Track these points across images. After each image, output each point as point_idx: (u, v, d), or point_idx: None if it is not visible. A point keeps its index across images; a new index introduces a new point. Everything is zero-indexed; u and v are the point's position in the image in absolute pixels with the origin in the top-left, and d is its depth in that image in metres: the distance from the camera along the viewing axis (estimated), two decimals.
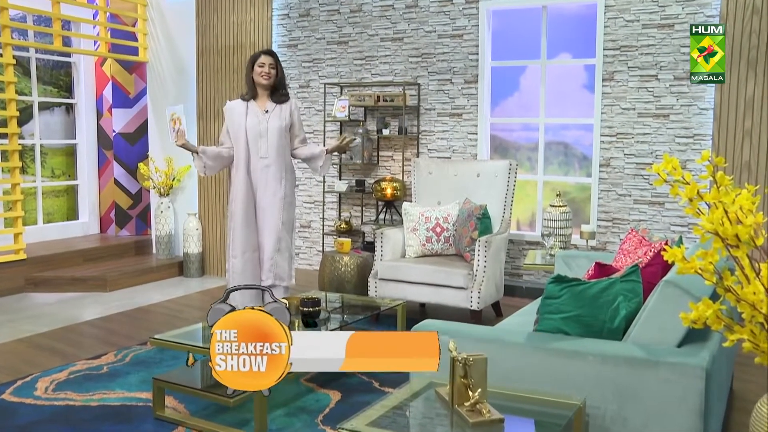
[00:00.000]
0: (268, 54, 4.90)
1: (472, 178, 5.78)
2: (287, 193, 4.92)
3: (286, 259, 4.95)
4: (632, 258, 3.50)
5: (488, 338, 2.89)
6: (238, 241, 4.85)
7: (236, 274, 4.86)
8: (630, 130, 5.88)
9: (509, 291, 6.13)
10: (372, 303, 4.81)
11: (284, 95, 4.94)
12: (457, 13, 6.50)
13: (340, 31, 7.08)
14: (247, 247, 4.87)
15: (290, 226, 4.99)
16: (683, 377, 2.51)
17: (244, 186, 4.84)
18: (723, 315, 2.35)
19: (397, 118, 6.74)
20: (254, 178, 4.86)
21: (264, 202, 4.86)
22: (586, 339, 2.77)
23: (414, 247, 5.55)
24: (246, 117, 4.84)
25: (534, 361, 2.76)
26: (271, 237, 4.87)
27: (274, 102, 4.89)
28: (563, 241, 5.48)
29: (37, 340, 5.06)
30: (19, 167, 6.56)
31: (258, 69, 4.85)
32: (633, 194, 5.90)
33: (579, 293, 2.80)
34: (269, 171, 4.85)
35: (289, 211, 4.95)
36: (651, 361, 2.57)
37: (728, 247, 2.31)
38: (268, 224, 4.87)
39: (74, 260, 7.05)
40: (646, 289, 2.97)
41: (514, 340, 2.84)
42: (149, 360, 4.55)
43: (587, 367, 2.66)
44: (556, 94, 6.32)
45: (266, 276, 4.89)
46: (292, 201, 4.97)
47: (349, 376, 4.24)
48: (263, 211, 4.87)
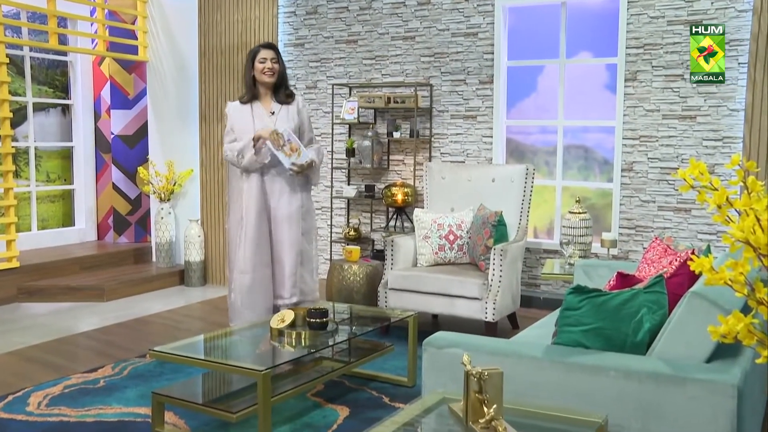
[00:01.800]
0: (268, 47, 4.72)
1: (487, 183, 5.77)
2: (304, 201, 4.78)
3: (310, 272, 4.82)
4: (656, 268, 3.48)
5: (504, 351, 2.88)
6: (251, 255, 4.65)
7: (243, 292, 4.68)
8: (654, 132, 5.85)
9: (526, 302, 6.11)
10: (382, 314, 4.80)
11: (289, 95, 4.78)
12: (471, 10, 6.50)
13: (348, 29, 7.09)
14: (260, 262, 4.68)
15: (311, 236, 4.85)
16: (713, 395, 2.49)
17: (257, 194, 4.66)
18: (755, 329, 2.33)
19: (409, 121, 6.74)
20: (268, 187, 4.70)
21: (279, 214, 4.70)
22: (607, 353, 2.76)
23: (426, 255, 5.54)
24: (253, 121, 4.67)
25: (552, 376, 2.74)
26: (291, 250, 4.71)
27: (278, 103, 4.75)
28: (583, 250, 5.46)
29: (29, 352, 5.07)
30: (12, 171, 6.58)
31: (259, 65, 4.67)
32: (657, 200, 5.87)
33: (600, 305, 2.79)
34: (284, 180, 4.69)
35: (308, 219, 4.82)
36: (678, 378, 2.55)
37: (760, 257, 2.28)
38: (287, 237, 4.70)
39: (70, 268, 7.07)
40: (672, 301, 2.95)
41: (531, 354, 2.83)
42: (148, 373, 4.55)
43: (609, 383, 2.64)
44: (576, 95, 6.30)
45: (290, 293, 4.72)
46: (309, 208, 4.84)
47: (358, 391, 4.23)
48: (279, 224, 4.71)
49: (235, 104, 4.80)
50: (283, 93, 4.74)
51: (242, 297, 4.69)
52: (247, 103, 4.73)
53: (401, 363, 4.65)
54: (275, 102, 4.74)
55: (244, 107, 4.73)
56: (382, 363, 4.65)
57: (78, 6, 7.53)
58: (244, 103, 4.73)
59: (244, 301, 4.69)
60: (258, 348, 3.99)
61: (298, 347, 3.88)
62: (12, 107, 6.98)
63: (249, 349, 4.03)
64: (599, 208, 6.28)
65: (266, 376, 3.31)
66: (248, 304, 4.69)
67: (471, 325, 5.45)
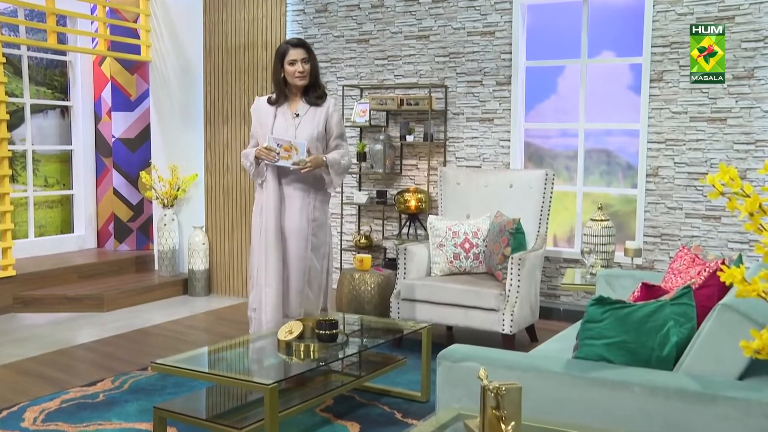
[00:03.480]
0: (298, 46, 4.50)
1: (505, 189, 5.76)
2: (317, 215, 4.59)
3: (316, 292, 4.62)
4: (684, 278, 3.46)
5: (522, 366, 2.86)
6: (273, 267, 4.49)
7: (270, 308, 4.49)
8: (681, 136, 5.83)
9: (545, 313, 6.10)
10: (394, 325, 4.79)
11: (320, 96, 4.56)
12: (488, 8, 6.50)
13: (360, 28, 7.10)
14: (279, 274, 4.51)
15: (321, 253, 4.62)
16: (746, 415, 2.47)
17: (275, 198, 4.51)
18: None
19: (423, 124, 6.74)
20: (285, 193, 4.54)
21: (290, 224, 4.54)
22: (632, 368, 2.74)
23: (440, 264, 5.53)
24: (274, 119, 4.54)
25: (574, 392, 2.73)
26: (298, 267, 4.54)
27: (307, 103, 4.56)
28: (605, 259, 5.44)
29: (25, 365, 5.08)
30: (8, 175, 6.62)
31: (290, 68, 4.47)
32: (684, 207, 5.84)
33: (624, 317, 2.77)
34: (297, 188, 4.54)
35: (319, 235, 4.60)
36: (707, 395, 2.53)
37: None
38: (294, 253, 4.53)
39: (68, 277, 7.10)
40: (700, 314, 2.93)
41: (551, 368, 2.81)
42: (150, 387, 4.55)
43: (633, 400, 2.62)
44: (598, 97, 6.29)
45: (296, 313, 4.50)
46: (323, 222, 4.63)
47: (369, 406, 4.22)
48: (288, 237, 4.54)
49: (261, 102, 4.66)
50: (313, 94, 4.56)
51: (267, 312, 4.49)
52: (274, 104, 4.59)
53: (414, 377, 4.63)
54: (303, 102, 4.57)
55: (270, 107, 4.59)
56: (394, 377, 4.64)
57: (78, 3, 7.55)
58: (271, 104, 4.59)
59: (270, 317, 4.49)
60: (265, 361, 3.98)
61: (307, 360, 3.87)
62: (9, 109, 7.03)
63: (255, 361, 4.03)
64: (622, 216, 6.26)
65: (273, 390, 3.30)
66: (273, 320, 4.48)
67: (487, 337, 5.44)
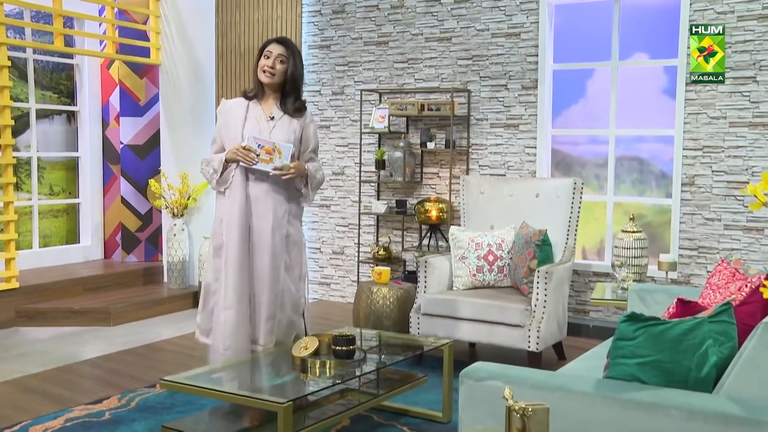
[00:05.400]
0: (279, 42, 4.25)
1: (531, 198, 5.75)
2: (291, 231, 4.28)
3: (290, 317, 4.31)
4: (723, 294, 3.44)
5: (550, 385, 2.85)
6: (233, 286, 4.13)
7: (227, 332, 4.14)
8: (720, 142, 5.79)
9: (573, 330, 6.07)
10: (414, 342, 4.78)
11: (298, 109, 4.27)
12: (513, 8, 6.50)
13: (379, 29, 7.12)
14: (243, 295, 4.16)
15: (298, 274, 4.36)
16: None
17: (240, 211, 4.16)
18: None
19: (444, 130, 6.74)
20: (253, 206, 4.20)
21: (261, 240, 4.19)
22: (667, 389, 2.71)
23: (463, 277, 5.52)
24: (244, 122, 4.22)
25: (604, 414, 2.71)
26: (270, 288, 4.20)
27: (282, 111, 4.25)
28: (638, 273, 5.42)
29: (28, 382, 5.10)
30: (13, 183, 6.65)
31: (262, 60, 4.21)
32: (723, 218, 5.80)
33: (658, 335, 2.75)
34: (269, 198, 4.20)
35: (293, 253, 4.31)
36: (751, 420, 2.50)
37: None
38: (266, 272, 4.19)
39: (74, 290, 7.14)
40: (742, 333, 2.90)
41: (580, 388, 2.80)
42: (158, 405, 4.56)
43: (669, 424, 2.60)
44: (630, 101, 6.27)
45: (265, 339, 4.20)
46: (297, 240, 4.33)
47: (388, 427, 4.21)
48: (258, 253, 4.20)
49: (230, 103, 4.35)
50: (291, 103, 4.26)
51: (226, 337, 4.15)
52: (250, 99, 4.29)
53: (435, 396, 4.62)
54: (278, 108, 4.27)
55: (240, 106, 4.28)
56: (414, 396, 4.63)
57: (85, 5, 7.61)
58: (248, 99, 4.28)
59: (228, 343, 4.15)
60: (279, 378, 3.98)
61: (323, 377, 3.87)
62: (13, 114, 7.08)
63: (268, 379, 4.03)
64: (656, 227, 6.23)
65: (288, 409, 3.30)
66: (234, 347, 4.16)
67: (512, 355, 5.41)
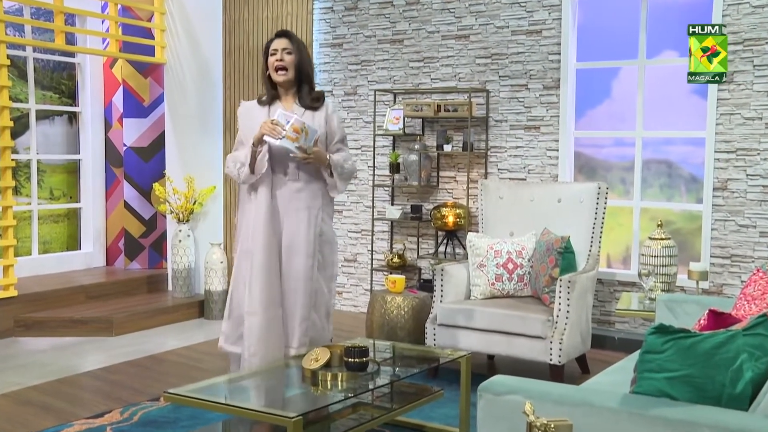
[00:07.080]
0: (280, 36, 4.39)
1: (553, 203, 5.73)
2: (324, 228, 4.44)
3: (323, 317, 4.47)
4: (759, 306, 3.41)
5: (573, 400, 2.84)
6: (259, 291, 4.27)
7: (253, 338, 4.27)
8: (755, 144, 5.76)
9: (598, 342, 6.05)
10: (430, 354, 4.77)
11: (316, 98, 4.42)
12: (535, 4, 6.49)
13: (393, 27, 7.12)
14: (271, 301, 4.29)
15: (328, 273, 4.49)
16: None
17: (266, 215, 4.30)
18: None
19: (462, 132, 6.73)
20: (281, 206, 4.37)
21: (293, 241, 4.35)
22: (699, 406, 2.69)
23: (481, 286, 5.51)
24: None
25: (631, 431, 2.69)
26: (304, 289, 4.35)
27: (302, 107, 4.39)
28: (666, 283, 5.39)
29: (26, 394, 5.11)
30: (11, 187, 6.68)
31: (270, 59, 4.36)
32: (759, 225, 5.77)
33: (688, 348, 2.73)
34: (300, 198, 4.36)
35: (326, 252, 4.46)
36: None
37: None
38: (299, 272, 4.35)
39: (74, 298, 7.16)
40: None
41: (605, 404, 2.78)
42: (162, 419, 4.57)
43: None
44: (658, 102, 6.25)
45: (300, 342, 4.35)
46: (330, 238, 4.49)
47: None
48: (290, 254, 4.35)
49: (250, 104, 4.54)
50: (307, 94, 4.42)
51: (252, 344, 4.28)
52: (266, 105, 4.44)
53: (452, 411, 4.61)
54: (298, 105, 4.42)
55: (261, 109, 4.44)
56: (429, 410, 4.62)
57: (88, 1, 7.66)
58: (262, 105, 4.45)
59: (254, 350, 4.29)
60: (288, 391, 3.98)
61: (334, 391, 3.86)
62: (13, 115, 7.11)
63: (278, 392, 4.03)
64: (686, 234, 6.20)
65: (297, 423, 3.30)
66: (260, 353, 4.28)
67: (533, 368, 5.40)
